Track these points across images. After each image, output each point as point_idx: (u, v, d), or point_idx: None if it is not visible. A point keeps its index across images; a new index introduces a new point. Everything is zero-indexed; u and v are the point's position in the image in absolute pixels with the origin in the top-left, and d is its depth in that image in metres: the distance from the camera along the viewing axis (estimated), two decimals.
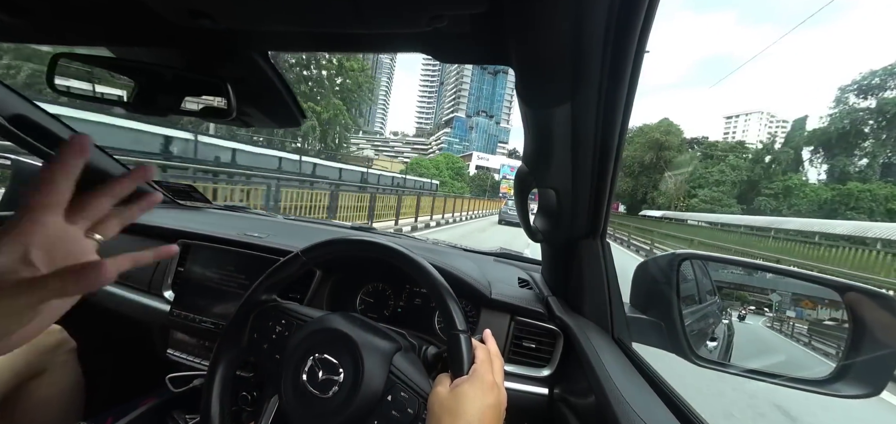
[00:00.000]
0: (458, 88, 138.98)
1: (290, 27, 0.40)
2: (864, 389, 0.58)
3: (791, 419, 2.54)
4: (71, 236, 0.31)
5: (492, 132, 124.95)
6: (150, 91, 0.50)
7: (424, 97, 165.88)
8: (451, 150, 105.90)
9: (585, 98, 0.42)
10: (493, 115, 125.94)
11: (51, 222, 0.29)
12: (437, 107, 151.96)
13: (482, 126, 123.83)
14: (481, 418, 0.44)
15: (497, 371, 0.52)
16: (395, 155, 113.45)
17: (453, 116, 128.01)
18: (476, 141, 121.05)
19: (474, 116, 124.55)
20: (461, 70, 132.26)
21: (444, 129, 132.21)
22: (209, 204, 1.46)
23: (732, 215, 29.30)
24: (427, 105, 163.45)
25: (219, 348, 0.57)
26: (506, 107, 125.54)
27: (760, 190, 34.96)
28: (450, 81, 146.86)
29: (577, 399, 0.61)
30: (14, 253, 0.26)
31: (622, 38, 0.36)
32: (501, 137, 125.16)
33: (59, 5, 0.41)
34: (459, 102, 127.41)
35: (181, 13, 0.35)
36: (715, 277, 0.94)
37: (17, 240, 0.27)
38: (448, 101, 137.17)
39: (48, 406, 0.77)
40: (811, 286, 0.78)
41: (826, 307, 0.75)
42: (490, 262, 1.03)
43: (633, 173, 46.22)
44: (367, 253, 0.61)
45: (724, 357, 0.83)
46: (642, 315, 0.73)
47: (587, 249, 0.68)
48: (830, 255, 10.93)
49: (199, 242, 0.92)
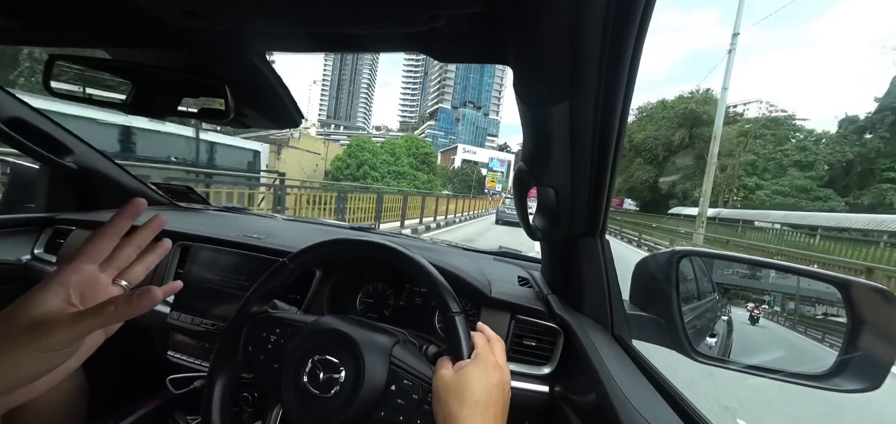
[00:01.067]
0: (443, 78, 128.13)
1: (287, 28, 0.40)
2: (863, 383, 0.58)
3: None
4: (101, 283, 0.37)
5: (480, 125, 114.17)
6: (148, 93, 0.50)
7: (408, 89, 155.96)
8: (436, 144, 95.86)
9: (583, 96, 0.42)
10: (481, 106, 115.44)
11: (88, 270, 0.36)
12: (422, 99, 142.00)
13: (469, 118, 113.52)
14: (487, 397, 0.45)
15: (498, 352, 0.53)
16: (334, 139, 76.13)
17: (438, 108, 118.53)
18: (463, 134, 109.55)
19: (461, 107, 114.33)
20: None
21: (428, 122, 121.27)
22: (207, 205, 1.46)
23: (842, 215, 19.86)
24: (411, 98, 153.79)
25: (214, 365, 0.56)
26: (495, 98, 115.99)
27: (880, 173, 22.95)
28: (434, 71, 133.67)
29: (577, 396, 0.61)
30: (59, 296, 0.33)
31: (619, 35, 0.36)
32: (491, 130, 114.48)
33: (54, 7, 0.41)
34: (444, 92, 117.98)
35: (177, 14, 0.35)
36: (714, 274, 0.94)
37: (61, 285, 0.33)
38: (432, 92, 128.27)
39: (52, 410, 0.77)
40: (809, 281, 0.78)
41: (824, 303, 0.75)
42: (489, 260, 1.03)
43: (655, 160, 36.39)
44: (358, 253, 0.61)
45: (723, 354, 0.83)
46: (642, 313, 0.73)
47: (586, 247, 0.68)
48: None
49: (197, 243, 0.92)
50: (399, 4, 0.32)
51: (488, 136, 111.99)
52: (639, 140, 38.03)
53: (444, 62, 0.46)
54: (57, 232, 1.10)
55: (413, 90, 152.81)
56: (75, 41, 0.50)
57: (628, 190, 40.83)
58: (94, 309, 0.31)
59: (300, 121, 0.58)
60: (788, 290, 0.87)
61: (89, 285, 0.35)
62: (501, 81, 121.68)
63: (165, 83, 0.49)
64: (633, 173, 38.64)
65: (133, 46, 0.48)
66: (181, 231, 0.94)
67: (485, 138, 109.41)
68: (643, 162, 38.27)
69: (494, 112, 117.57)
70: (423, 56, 0.59)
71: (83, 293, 0.35)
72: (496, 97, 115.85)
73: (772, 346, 0.82)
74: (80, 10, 0.41)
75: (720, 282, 0.93)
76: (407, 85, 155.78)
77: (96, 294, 0.36)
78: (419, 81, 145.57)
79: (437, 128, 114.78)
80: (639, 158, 38.74)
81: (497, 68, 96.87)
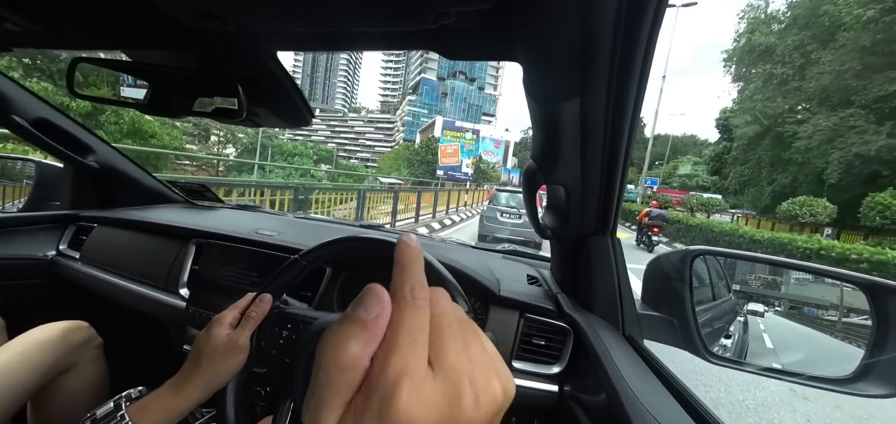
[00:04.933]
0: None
1: (299, 27, 0.41)
2: (889, 389, 0.56)
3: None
4: (231, 335, 0.52)
5: (473, 100, 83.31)
6: (164, 93, 0.51)
7: (390, 65, 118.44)
8: (418, 122, 75.94)
9: (594, 93, 0.41)
10: (476, 78, 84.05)
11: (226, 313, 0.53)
12: (405, 74, 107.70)
13: (460, 92, 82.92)
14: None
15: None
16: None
17: (421, 79, 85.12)
18: (452, 111, 77.93)
19: (449, 78, 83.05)
20: None
21: (409, 96, 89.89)
22: (222, 203, 1.50)
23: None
24: (394, 74, 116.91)
25: None
26: (492, 69, 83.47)
27: None
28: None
29: (587, 396, 0.61)
30: (225, 324, 0.52)
31: (632, 31, 0.35)
32: (486, 108, 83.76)
33: (75, 11, 0.42)
34: (430, 59, 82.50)
35: (192, 15, 0.36)
36: (731, 273, 0.92)
37: (222, 321, 0.52)
38: (416, 59, 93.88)
39: (77, 400, 0.80)
40: (833, 283, 0.76)
41: (848, 305, 0.72)
42: (498, 259, 1.03)
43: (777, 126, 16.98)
44: (367, 251, 0.62)
45: (739, 355, 0.81)
46: (654, 312, 0.72)
47: (597, 245, 0.67)
48: None
49: (212, 240, 0.94)
50: (409, 2, 0.32)
51: (484, 115, 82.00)
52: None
53: (453, 59, 0.46)
54: (80, 229, 1.14)
55: (396, 65, 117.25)
56: (96, 44, 0.52)
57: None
58: (246, 322, 0.51)
59: (311, 120, 0.58)
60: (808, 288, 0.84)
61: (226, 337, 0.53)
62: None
63: (181, 83, 0.51)
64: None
65: (150, 48, 0.49)
66: (197, 228, 0.97)
67: (480, 117, 79.55)
68: (756, 129, 18.94)
69: (492, 86, 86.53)
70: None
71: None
72: (493, 70, 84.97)
73: (790, 348, 0.79)
74: (102, 14, 0.42)
75: (736, 282, 0.90)
76: (388, 57, 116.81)
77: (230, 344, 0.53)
78: (402, 53, 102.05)
79: (418, 104, 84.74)
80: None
81: None
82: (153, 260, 0.97)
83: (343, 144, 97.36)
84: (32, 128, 1.00)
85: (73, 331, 0.80)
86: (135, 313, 0.95)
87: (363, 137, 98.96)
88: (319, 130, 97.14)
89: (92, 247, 1.07)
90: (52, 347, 0.75)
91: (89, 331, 0.84)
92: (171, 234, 1.00)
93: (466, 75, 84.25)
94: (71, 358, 0.79)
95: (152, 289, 0.94)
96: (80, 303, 1.03)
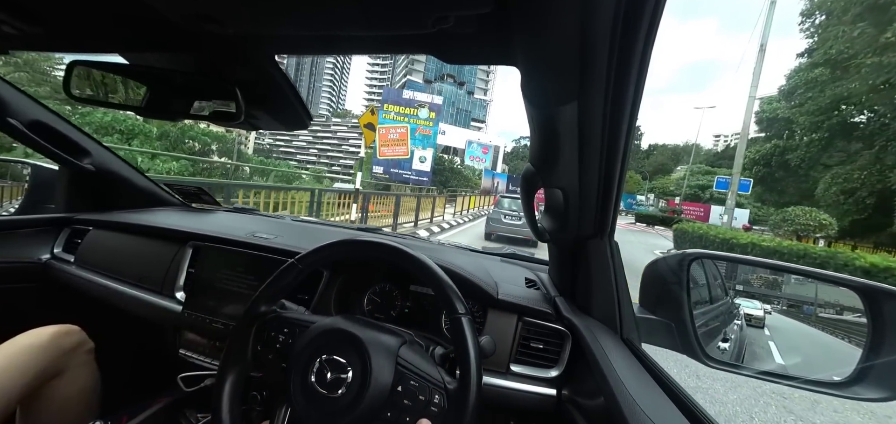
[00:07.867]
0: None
1: (298, 31, 0.41)
2: (885, 392, 0.56)
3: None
4: None
5: (462, 105, 79.48)
6: (163, 96, 0.51)
7: (376, 67, 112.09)
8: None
9: (592, 97, 0.42)
10: (465, 82, 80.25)
11: None
12: (391, 76, 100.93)
13: (448, 96, 75.84)
14: None
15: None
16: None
17: (406, 81, 78.14)
18: (440, 117, 46.37)
19: (436, 81, 77.72)
20: None
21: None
22: (218, 206, 1.49)
23: None
24: (380, 77, 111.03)
25: (223, 363, 0.57)
26: (482, 73, 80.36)
27: None
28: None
29: (585, 399, 0.61)
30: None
31: (629, 35, 0.35)
32: (476, 114, 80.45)
33: (73, 14, 0.42)
34: (416, 60, 78.30)
35: (191, 18, 0.36)
36: (728, 277, 0.92)
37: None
38: (402, 62, 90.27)
39: (67, 405, 0.79)
40: (829, 286, 0.76)
41: (844, 309, 0.73)
42: (496, 262, 1.03)
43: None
44: (365, 254, 0.61)
45: (736, 359, 0.81)
46: (652, 316, 0.72)
47: (595, 249, 0.67)
48: None
49: (209, 244, 0.94)
50: (407, 6, 0.33)
51: (473, 120, 78.50)
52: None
53: (451, 64, 0.46)
54: (75, 232, 1.13)
55: (382, 68, 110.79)
56: (95, 47, 0.52)
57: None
58: None
59: (309, 122, 0.58)
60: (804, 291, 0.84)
61: None
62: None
63: (179, 87, 0.50)
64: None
65: (149, 51, 0.49)
66: (194, 231, 0.96)
67: (469, 122, 76.29)
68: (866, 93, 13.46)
69: (482, 91, 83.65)
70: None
71: None
72: (484, 74, 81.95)
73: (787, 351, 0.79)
74: (100, 17, 0.42)
75: (733, 285, 0.91)
76: (374, 59, 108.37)
77: None
78: (389, 59, 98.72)
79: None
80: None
81: None
82: (149, 264, 0.96)
83: (325, 150, 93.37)
84: (27, 130, 0.99)
85: (63, 335, 0.79)
86: (130, 317, 0.94)
87: (347, 143, 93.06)
88: (300, 135, 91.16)
89: (87, 250, 1.06)
90: (41, 351, 0.74)
91: (80, 335, 0.83)
92: (168, 237, 0.99)
93: (455, 79, 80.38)
94: (61, 363, 0.77)
95: (148, 293, 0.93)
96: (75, 307, 1.02)
